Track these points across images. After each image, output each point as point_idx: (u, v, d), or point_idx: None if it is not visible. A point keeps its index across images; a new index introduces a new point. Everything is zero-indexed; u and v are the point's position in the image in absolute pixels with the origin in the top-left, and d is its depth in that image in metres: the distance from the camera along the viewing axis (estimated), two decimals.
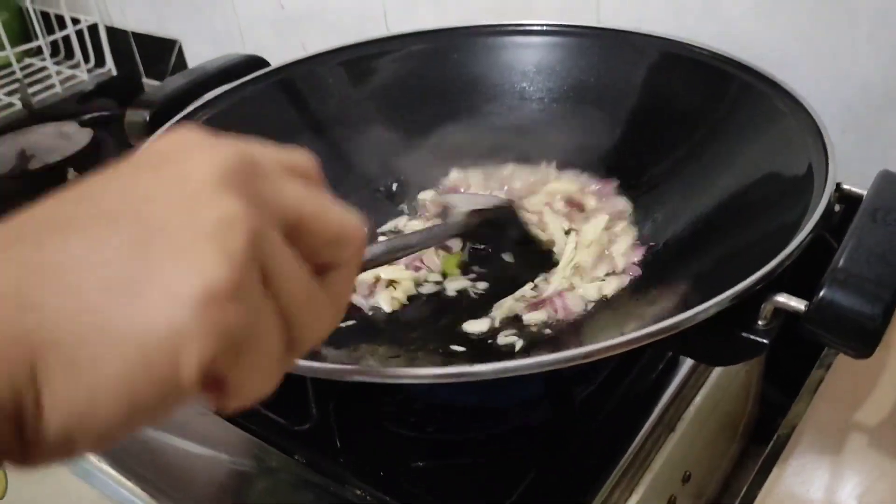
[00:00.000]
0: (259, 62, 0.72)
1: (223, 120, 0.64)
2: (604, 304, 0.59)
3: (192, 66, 0.71)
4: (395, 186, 0.72)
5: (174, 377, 0.22)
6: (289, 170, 0.27)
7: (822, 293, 0.41)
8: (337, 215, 0.28)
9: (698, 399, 0.61)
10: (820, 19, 0.66)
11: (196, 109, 0.64)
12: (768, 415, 0.79)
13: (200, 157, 0.25)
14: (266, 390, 0.26)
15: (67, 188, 0.24)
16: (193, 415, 0.60)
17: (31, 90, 1.21)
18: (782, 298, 0.43)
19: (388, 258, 0.48)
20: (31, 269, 0.22)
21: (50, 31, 1.30)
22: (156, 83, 1.26)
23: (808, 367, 0.64)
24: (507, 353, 0.55)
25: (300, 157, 0.29)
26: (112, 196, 0.24)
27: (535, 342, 0.56)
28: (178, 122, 0.62)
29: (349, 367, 0.41)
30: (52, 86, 1.26)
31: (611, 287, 0.59)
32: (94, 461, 0.57)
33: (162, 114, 0.65)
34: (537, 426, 0.57)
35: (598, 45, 0.71)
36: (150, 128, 0.65)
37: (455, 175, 0.72)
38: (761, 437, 0.79)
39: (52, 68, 1.27)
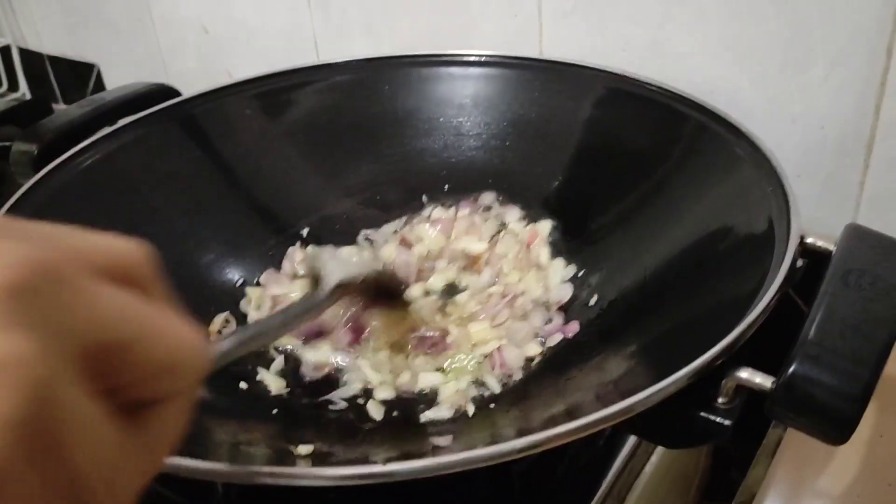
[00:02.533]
0: (169, 92, 0.65)
1: (121, 156, 0.57)
2: (545, 363, 0.53)
3: (93, 95, 0.64)
4: (311, 231, 0.65)
5: None
6: (108, 270, 0.21)
7: (791, 369, 0.36)
8: (168, 339, 0.21)
9: (649, 466, 0.56)
10: (773, 59, 0.61)
11: (91, 143, 0.57)
12: (721, 468, 0.74)
13: None
14: None
15: None
16: None
17: None
18: (745, 374, 0.38)
19: (242, 351, 0.39)
20: None
21: None
22: None
23: (763, 417, 0.59)
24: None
25: (128, 251, 0.22)
26: None
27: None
28: (68, 157, 0.55)
29: (254, 469, 0.34)
30: None
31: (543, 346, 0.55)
32: None
33: (53, 147, 0.58)
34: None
35: (540, 78, 0.66)
36: (39, 163, 0.57)
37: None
38: (715, 492, 0.74)
39: None
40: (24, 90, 1.22)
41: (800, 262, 0.45)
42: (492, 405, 0.51)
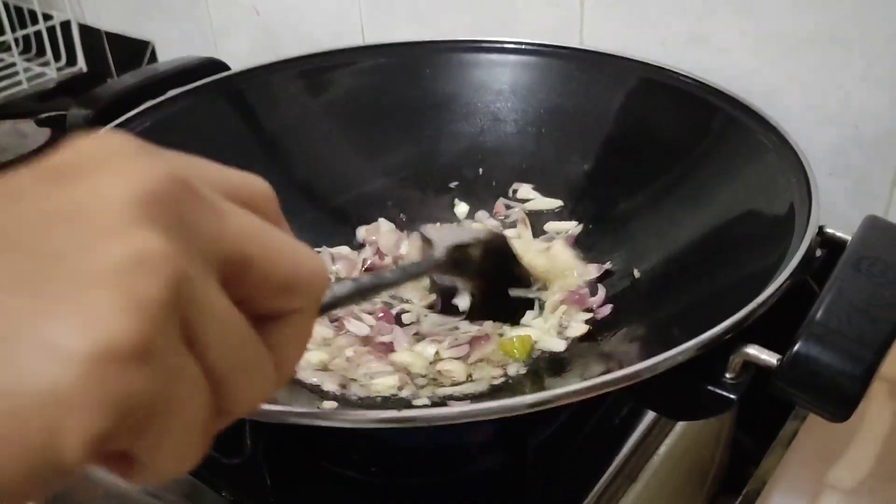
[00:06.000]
0: (218, 65, 0.68)
1: (170, 125, 0.60)
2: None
3: (146, 66, 0.67)
4: (348, 207, 0.67)
5: (52, 452, 0.18)
6: (236, 197, 0.23)
7: (795, 348, 0.37)
8: (292, 256, 0.23)
9: (664, 448, 0.57)
10: (811, 56, 0.62)
11: (142, 111, 0.60)
12: (739, 462, 0.75)
13: (120, 172, 0.20)
14: (186, 465, 0.21)
15: None
16: None
17: None
18: (752, 350, 0.39)
19: (355, 300, 0.41)
20: None
21: (22, 25, 1.26)
22: None
23: (782, 412, 0.60)
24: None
25: (253, 182, 0.24)
26: (4, 216, 0.19)
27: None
28: (120, 123, 0.58)
29: (282, 408, 0.36)
30: (18, 82, 1.22)
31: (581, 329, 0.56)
32: None
33: (107, 113, 0.61)
34: (488, 473, 0.53)
35: (576, 67, 0.68)
36: (94, 127, 0.61)
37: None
38: (732, 486, 0.75)
39: (21, 65, 1.23)
40: (81, 65, 1.26)
41: (819, 252, 0.46)
42: (510, 381, 0.53)
